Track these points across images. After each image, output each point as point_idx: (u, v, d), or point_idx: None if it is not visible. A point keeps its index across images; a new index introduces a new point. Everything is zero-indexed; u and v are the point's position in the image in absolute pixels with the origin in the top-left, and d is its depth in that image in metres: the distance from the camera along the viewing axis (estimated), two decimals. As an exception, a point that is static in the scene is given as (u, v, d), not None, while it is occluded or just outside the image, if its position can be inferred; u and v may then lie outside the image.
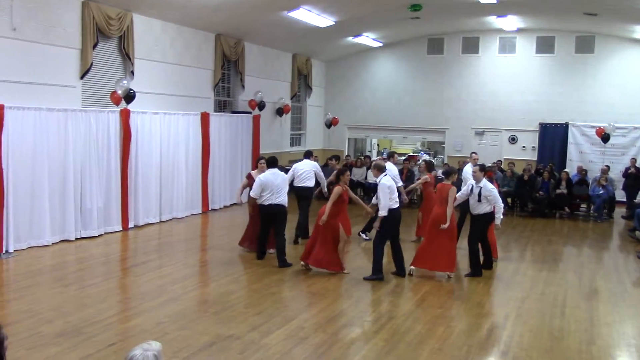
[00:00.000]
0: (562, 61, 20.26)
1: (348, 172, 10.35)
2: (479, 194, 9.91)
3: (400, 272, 9.87)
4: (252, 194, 10.55)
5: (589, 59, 19.90)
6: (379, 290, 9.15)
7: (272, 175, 10.42)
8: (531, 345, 7.07)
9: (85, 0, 11.89)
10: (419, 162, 14.85)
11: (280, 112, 19.50)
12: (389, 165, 12.89)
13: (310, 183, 12.40)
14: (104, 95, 12.73)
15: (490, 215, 10.06)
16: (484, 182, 10.01)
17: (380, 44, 21.76)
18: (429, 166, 13.05)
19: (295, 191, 12.48)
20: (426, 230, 10.46)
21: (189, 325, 7.30)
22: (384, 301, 8.58)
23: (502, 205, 10.32)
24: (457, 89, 21.45)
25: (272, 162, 10.73)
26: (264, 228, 10.66)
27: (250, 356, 6.43)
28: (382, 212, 9.31)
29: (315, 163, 12.90)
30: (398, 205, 9.59)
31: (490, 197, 9.89)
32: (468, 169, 12.10)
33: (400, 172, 17.74)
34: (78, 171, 11.62)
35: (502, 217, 10.29)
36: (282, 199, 10.39)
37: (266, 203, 10.34)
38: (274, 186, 10.32)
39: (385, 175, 9.62)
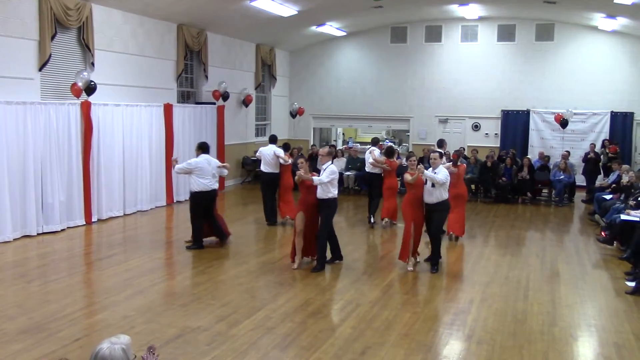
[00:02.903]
0: (522, 49, 20.56)
1: (302, 160, 10.27)
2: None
3: (337, 257, 10.11)
4: (177, 170, 10.82)
5: (549, 46, 20.24)
6: (345, 278, 9.21)
7: (205, 161, 10.68)
8: (495, 328, 7.20)
9: (42, -10, 11.63)
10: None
11: (245, 102, 19.38)
12: (376, 152, 13.32)
13: (276, 169, 12.94)
14: (63, 87, 12.47)
15: (447, 203, 9.90)
16: (440, 168, 9.76)
17: (344, 33, 21.77)
18: (389, 152, 13.11)
19: (261, 176, 13.30)
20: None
21: (155, 318, 7.27)
22: (350, 289, 8.64)
23: (442, 181, 9.59)
24: (420, 78, 21.60)
25: (204, 148, 10.87)
26: (203, 214, 10.81)
27: (217, 347, 6.43)
28: (317, 180, 9.48)
29: (276, 148, 13.11)
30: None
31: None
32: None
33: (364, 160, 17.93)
34: (38, 165, 11.40)
35: (433, 176, 9.56)
36: (217, 184, 10.98)
37: (209, 189, 10.69)
38: (207, 171, 10.61)
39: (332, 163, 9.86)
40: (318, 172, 9.92)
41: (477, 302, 8.19)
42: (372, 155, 13.44)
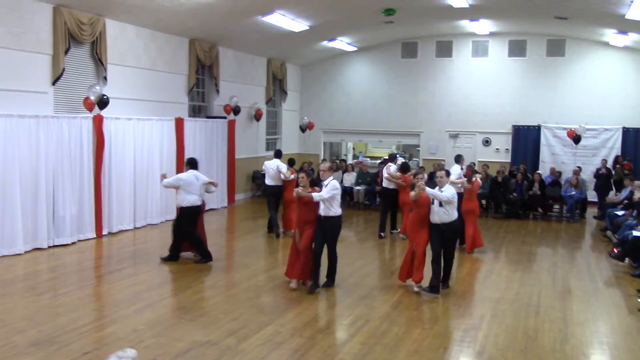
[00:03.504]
0: (533, 64, 20.53)
1: (302, 175, 9.69)
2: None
3: (330, 282, 9.48)
4: (165, 184, 10.83)
5: (560, 61, 20.20)
6: (355, 293, 9.14)
7: (194, 177, 10.66)
8: (506, 345, 7.13)
9: (57, 5, 11.76)
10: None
11: (256, 117, 19.46)
12: (392, 167, 13.42)
13: (280, 182, 13.24)
14: (76, 101, 12.57)
15: (456, 224, 9.42)
16: (447, 187, 9.34)
17: (355, 48, 21.84)
18: (404, 168, 13.16)
19: (266, 189, 13.76)
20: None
21: (164, 332, 7.24)
22: (359, 305, 8.58)
23: (447, 199, 9.15)
24: (431, 93, 21.61)
25: (192, 164, 10.85)
26: (194, 228, 10.79)
27: (227, 362, 6.39)
28: (317, 197, 8.99)
29: (280, 163, 13.40)
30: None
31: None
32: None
33: (376, 175, 17.93)
34: (50, 178, 11.47)
35: (435, 193, 9.18)
36: (199, 199, 10.79)
37: (196, 204, 10.64)
38: (195, 187, 10.59)
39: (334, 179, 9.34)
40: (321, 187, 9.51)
41: (487, 318, 8.11)
42: (387, 171, 13.55)
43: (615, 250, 11.74)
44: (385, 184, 13.79)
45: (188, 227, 10.71)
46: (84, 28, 12.34)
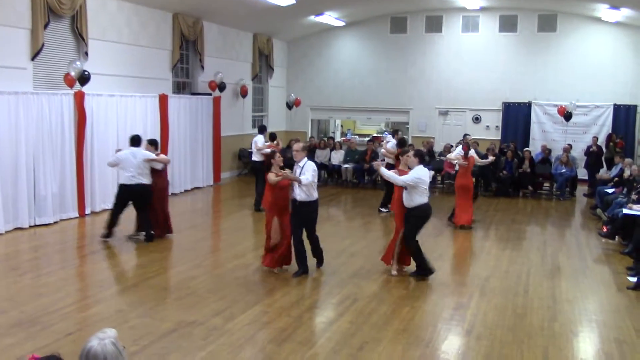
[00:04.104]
0: (525, 40, 20.33)
1: (278, 155, 8.98)
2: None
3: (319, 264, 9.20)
4: (108, 163, 10.86)
5: (551, 37, 20.02)
6: (343, 272, 9.04)
7: (130, 154, 10.38)
8: (495, 323, 7.09)
9: (35, -23, 11.41)
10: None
11: (241, 93, 19.17)
12: (390, 143, 13.35)
13: (263, 157, 13.37)
14: (56, 77, 12.27)
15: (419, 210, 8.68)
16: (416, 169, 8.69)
17: (343, 23, 21.53)
18: (402, 143, 12.90)
19: (251, 164, 14.23)
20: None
21: (149, 313, 7.15)
22: (348, 283, 8.49)
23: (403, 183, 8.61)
24: (420, 69, 21.39)
25: (133, 141, 10.56)
26: (121, 207, 10.56)
27: (213, 342, 6.32)
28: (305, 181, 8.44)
29: (259, 137, 13.76)
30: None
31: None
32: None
33: (364, 152, 17.81)
34: (31, 157, 11.23)
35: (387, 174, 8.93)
36: (144, 179, 10.39)
37: (132, 183, 10.32)
38: (131, 164, 10.29)
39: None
40: (289, 167, 8.90)
41: (476, 296, 8.06)
42: (384, 146, 13.48)
43: (605, 228, 11.72)
44: (387, 160, 13.71)
45: (116, 204, 10.54)
46: (64, 1, 11.98)
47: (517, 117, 20.29)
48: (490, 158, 14.56)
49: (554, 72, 20.02)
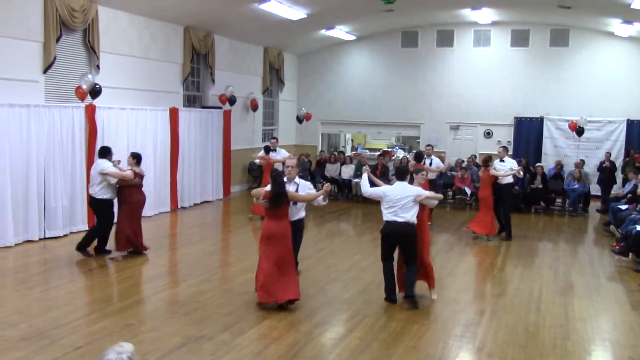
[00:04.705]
0: (536, 54, 20.26)
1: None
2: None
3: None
4: None
5: (563, 52, 19.94)
6: (353, 288, 8.97)
7: (93, 166, 10.32)
8: (506, 340, 6.99)
9: (48, -9, 11.50)
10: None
11: (252, 107, 19.20)
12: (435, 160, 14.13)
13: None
14: (68, 90, 12.32)
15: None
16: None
17: (354, 37, 21.58)
18: (418, 157, 13.31)
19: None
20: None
21: (158, 327, 7.11)
22: (357, 299, 8.41)
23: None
24: (431, 83, 21.35)
25: (100, 152, 10.39)
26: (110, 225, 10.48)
27: (222, 357, 6.28)
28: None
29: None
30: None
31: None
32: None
33: (375, 167, 17.73)
34: (42, 169, 11.25)
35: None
36: (100, 192, 10.15)
37: (92, 195, 10.24)
38: (93, 177, 10.16)
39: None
40: (328, 179, 8.68)
41: (487, 314, 7.95)
42: (425, 167, 13.36)
43: (618, 245, 11.56)
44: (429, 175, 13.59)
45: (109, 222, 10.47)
46: (76, 15, 12.07)
47: (529, 132, 20.16)
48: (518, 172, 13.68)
49: (566, 87, 19.90)
